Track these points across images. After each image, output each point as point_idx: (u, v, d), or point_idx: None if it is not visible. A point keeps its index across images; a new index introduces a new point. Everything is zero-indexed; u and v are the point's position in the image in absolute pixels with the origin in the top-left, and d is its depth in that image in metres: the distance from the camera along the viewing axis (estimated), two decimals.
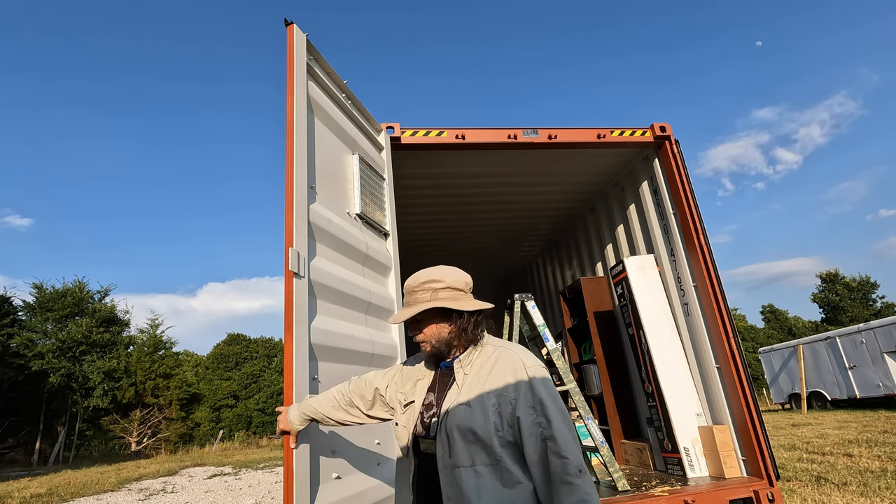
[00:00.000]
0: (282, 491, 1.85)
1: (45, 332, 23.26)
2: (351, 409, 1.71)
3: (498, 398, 1.32)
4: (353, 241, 2.71)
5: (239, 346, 40.32)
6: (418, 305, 1.45)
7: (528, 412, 1.28)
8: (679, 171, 3.84)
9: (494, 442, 1.28)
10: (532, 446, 1.26)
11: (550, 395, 1.30)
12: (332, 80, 2.90)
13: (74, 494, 9.65)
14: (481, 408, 1.32)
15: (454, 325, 1.45)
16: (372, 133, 3.35)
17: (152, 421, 26.15)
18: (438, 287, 1.47)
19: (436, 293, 1.46)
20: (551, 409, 1.27)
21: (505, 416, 1.30)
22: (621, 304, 4.39)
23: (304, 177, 2.34)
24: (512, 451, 1.29)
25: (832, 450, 7.56)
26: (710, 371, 3.56)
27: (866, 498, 4.78)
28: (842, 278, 41.35)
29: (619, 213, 4.88)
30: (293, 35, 2.56)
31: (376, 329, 2.80)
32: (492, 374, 1.37)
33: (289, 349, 2.01)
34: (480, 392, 1.35)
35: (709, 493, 2.96)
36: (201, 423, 34.65)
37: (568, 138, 3.85)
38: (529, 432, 1.26)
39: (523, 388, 1.30)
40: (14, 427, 21.87)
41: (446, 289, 1.46)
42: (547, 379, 1.34)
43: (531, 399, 1.29)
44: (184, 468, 14.29)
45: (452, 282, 1.47)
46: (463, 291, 1.48)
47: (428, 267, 1.52)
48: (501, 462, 1.28)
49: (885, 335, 13.24)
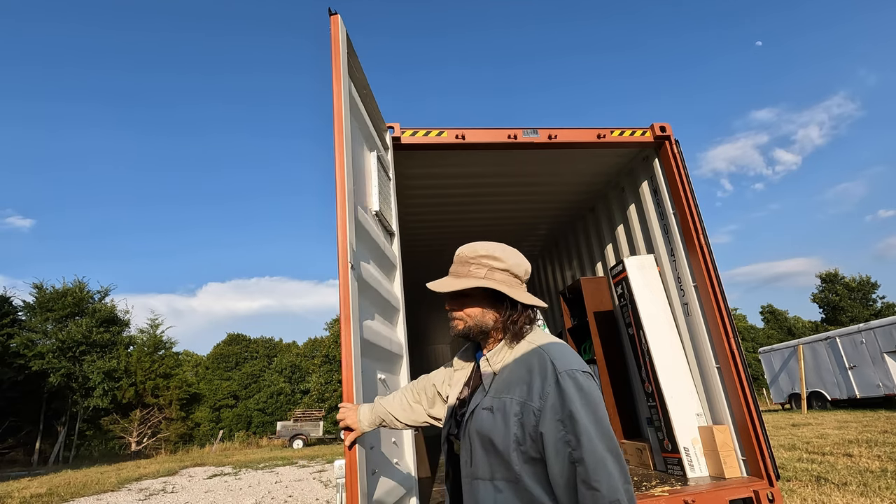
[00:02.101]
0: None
1: (45, 332, 23.26)
2: (415, 407, 1.58)
3: (521, 406, 1.12)
4: (377, 239, 2.72)
5: (239, 346, 40.31)
6: (470, 279, 1.27)
7: (555, 427, 1.06)
8: (679, 171, 3.84)
9: (513, 457, 1.10)
10: (558, 468, 1.05)
11: (586, 407, 1.06)
12: (359, 73, 2.78)
13: (74, 494, 9.66)
14: (503, 415, 1.14)
15: (502, 314, 1.26)
16: (382, 131, 3.35)
17: (152, 421, 26.17)
18: (497, 266, 1.28)
19: (492, 272, 1.27)
20: (583, 424, 1.03)
21: (528, 429, 1.10)
22: (621, 304, 4.39)
23: (351, 172, 2.25)
24: (535, 470, 1.09)
25: (832, 450, 7.56)
26: (710, 371, 3.55)
27: (866, 498, 4.78)
28: (841, 278, 41.36)
29: (619, 213, 4.88)
30: (338, 26, 2.39)
31: (389, 327, 2.81)
32: (518, 377, 1.17)
33: (346, 345, 1.91)
34: (504, 397, 1.17)
35: (709, 493, 2.96)
36: (201, 423, 34.64)
37: (568, 138, 3.84)
38: (556, 451, 1.05)
39: (551, 397, 1.08)
40: (14, 427, 21.87)
41: (505, 271, 1.28)
42: (584, 386, 1.09)
43: (559, 411, 1.06)
44: (184, 468, 14.29)
45: (513, 265, 1.28)
46: (519, 280, 1.30)
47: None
48: (521, 481, 1.09)
49: (885, 335, 13.24)
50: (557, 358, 1.14)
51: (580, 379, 1.09)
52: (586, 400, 1.06)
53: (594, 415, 1.05)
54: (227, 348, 40.06)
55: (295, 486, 9.36)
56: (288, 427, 23.96)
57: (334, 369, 32.89)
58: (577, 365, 1.13)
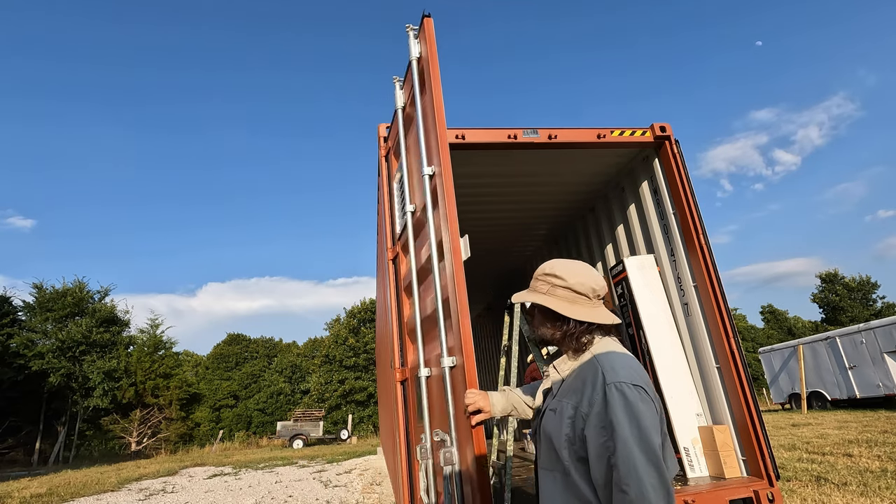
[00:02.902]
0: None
1: (45, 332, 23.25)
2: (535, 401, 1.75)
3: (574, 411, 1.25)
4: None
5: (239, 346, 40.31)
6: (531, 294, 1.44)
7: (598, 433, 1.17)
8: (679, 171, 3.84)
9: (564, 453, 1.24)
10: (599, 470, 1.16)
11: (627, 416, 1.14)
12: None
13: (74, 494, 9.66)
14: (560, 416, 1.28)
15: (560, 330, 1.38)
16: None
17: (152, 421, 26.17)
18: (558, 284, 1.40)
19: (553, 289, 1.41)
20: (622, 432, 1.12)
21: (577, 431, 1.22)
22: (621, 304, 4.39)
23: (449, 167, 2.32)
24: (583, 467, 1.21)
25: (832, 450, 7.55)
26: (710, 371, 3.55)
27: (866, 498, 4.78)
28: (841, 278, 41.34)
29: (619, 213, 4.88)
30: (432, 30, 2.46)
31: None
32: (576, 384, 1.30)
33: (467, 337, 2.03)
34: (563, 400, 1.31)
35: (709, 493, 2.96)
36: (201, 423, 34.64)
37: (568, 138, 3.84)
38: (597, 455, 1.16)
39: (596, 405, 1.19)
40: (14, 427, 21.87)
41: (566, 289, 1.39)
42: (629, 397, 1.16)
43: (602, 418, 1.17)
44: (184, 468, 14.29)
45: (575, 283, 1.39)
46: (584, 296, 1.39)
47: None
48: (570, 475, 1.23)
49: (885, 335, 13.24)
50: (609, 370, 1.23)
51: (626, 391, 1.17)
52: (629, 410, 1.14)
53: (635, 425, 1.12)
54: (227, 348, 40.06)
55: (295, 486, 9.36)
56: (288, 427, 23.96)
57: (334, 369, 32.89)
58: (627, 378, 1.20)
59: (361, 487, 8.66)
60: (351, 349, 32.90)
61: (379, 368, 9.10)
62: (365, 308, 34.75)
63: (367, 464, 12.38)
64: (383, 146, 3.59)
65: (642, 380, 1.22)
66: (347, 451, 17.30)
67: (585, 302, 1.39)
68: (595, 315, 1.36)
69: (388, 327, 3.30)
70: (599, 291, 1.41)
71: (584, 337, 1.35)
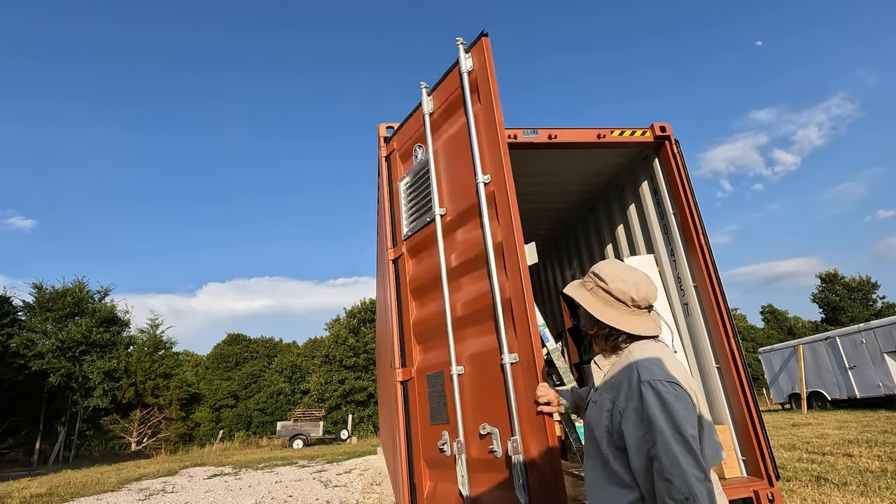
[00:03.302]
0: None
1: (44, 332, 23.24)
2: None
3: (612, 404, 1.33)
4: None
5: (239, 346, 40.31)
6: (576, 289, 1.53)
7: (636, 427, 1.25)
8: (679, 171, 3.84)
9: (604, 443, 1.33)
10: (638, 462, 1.24)
11: (663, 410, 1.21)
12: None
13: (74, 494, 9.65)
14: (600, 409, 1.37)
15: (594, 328, 1.47)
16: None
17: (152, 421, 26.16)
18: (600, 285, 1.47)
19: (596, 289, 1.48)
20: (659, 425, 1.20)
21: (615, 423, 1.31)
22: None
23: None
24: (621, 456, 1.30)
25: (832, 450, 7.55)
26: (710, 371, 3.55)
27: (866, 498, 4.78)
28: (841, 278, 41.34)
29: (619, 213, 4.88)
30: (489, 47, 2.64)
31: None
32: (615, 380, 1.37)
33: (535, 333, 2.30)
34: (603, 394, 1.39)
35: None
36: (201, 423, 34.64)
37: (568, 138, 3.84)
38: (637, 448, 1.24)
39: (633, 401, 1.27)
40: (14, 427, 21.87)
41: (605, 292, 1.45)
42: (662, 393, 1.24)
43: (640, 413, 1.25)
44: (184, 468, 14.29)
45: (615, 289, 1.44)
46: (622, 303, 1.44)
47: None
48: (609, 463, 1.32)
49: (885, 335, 13.24)
50: (643, 368, 1.31)
51: (660, 387, 1.25)
52: (664, 405, 1.22)
53: (670, 418, 1.20)
54: (227, 348, 40.06)
55: (295, 486, 9.35)
56: (288, 427, 23.95)
57: (334, 369, 32.89)
58: (661, 376, 1.28)
59: (361, 487, 8.66)
60: (351, 349, 32.89)
61: (379, 368, 9.10)
62: (365, 308, 34.74)
63: (367, 464, 12.38)
64: (384, 146, 3.58)
65: (676, 375, 1.29)
66: (347, 451, 17.30)
67: (622, 308, 1.43)
68: (629, 323, 1.41)
69: (389, 327, 3.29)
70: (640, 302, 1.44)
71: (616, 340, 1.42)
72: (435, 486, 2.67)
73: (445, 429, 2.57)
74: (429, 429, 2.71)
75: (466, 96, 2.76)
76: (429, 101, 3.11)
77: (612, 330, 1.42)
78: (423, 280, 2.97)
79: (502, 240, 2.48)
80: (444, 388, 2.61)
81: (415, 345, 2.97)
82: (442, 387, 2.62)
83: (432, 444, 2.67)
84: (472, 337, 2.59)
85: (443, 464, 2.61)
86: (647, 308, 1.48)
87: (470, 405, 2.51)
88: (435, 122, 3.06)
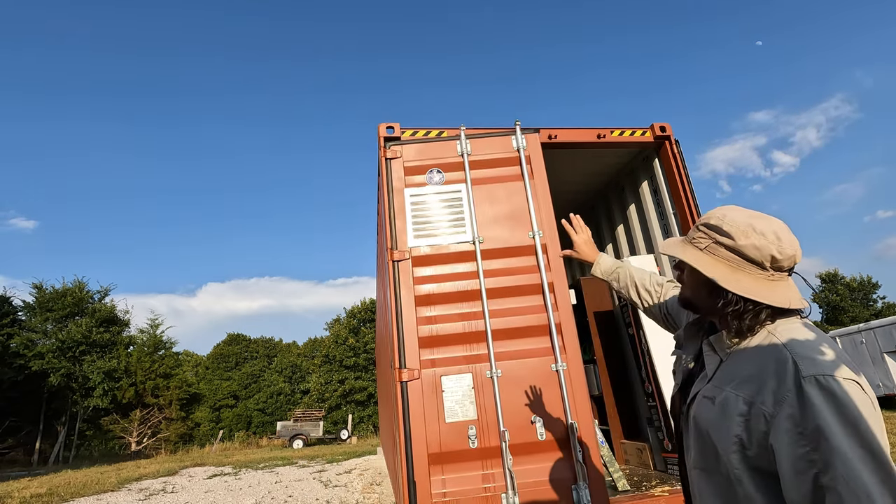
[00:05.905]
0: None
1: (45, 332, 23.25)
2: (644, 293, 1.60)
3: (749, 406, 0.92)
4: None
5: (239, 346, 40.33)
6: (683, 248, 1.09)
7: (794, 441, 0.84)
8: (679, 171, 3.84)
9: (733, 459, 0.93)
10: (798, 493, 0.84)
11: (843, 422, 0.82)
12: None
13: (74, 494, 9.65)
14: (724, 411, 0.96)
15: (716, 301, 1.02)
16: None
17: (152, 421, 26.17)
18: (722, 241, 1.03)
19: (715, 247, 1.04)
20: (837, 444, 0.80)
21: (755, 434, 0.90)
22: (621, 304, 4.39)
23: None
24: (763, 482, 0.91)
25: None
26: None
27: None
28: (842, 278, 41.35)
29: (619, 213, 4.88)
30: (538, 144, 3.56)
31: None
32: (748, 371, 0.96)
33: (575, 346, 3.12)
34: (727, 390, 0.98)
35: None
36: (201, 423, 34.66)
37: (568, 138, 3.85)
38: (795, 471, 0.84)
39: (789, 403, 0.87)
40: (14, 427, 21.86)
41: (731, 249, 1.02)
42: (840, 395, 0.84)
43: (801, 421, 0.84)
44: (184, 468, 14.29)
45: (745, 245, 1.00)
46: (756, 264, 1.00)
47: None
48: (742, 484, 0.93)
49: (885, 335, 13.25)
50: (803, 357, 0.90)
51: (835, 387, 0.84)
52: (844, 413, 0.82)
53: (856, 433, 0.81)
54: (227, 348, 40.08)
55: (295, 486, 9.36)
56: (288, 427, 23.97)
57: (334, 369, 32.91)
58: (832, 369, 0.87)
59: (361, 487, 8.66)
60: (351, 349, 32.91)
61: (379, 368, 9.10)
62: (365, 308, 34.76)
63: (367, 464, 12.38)
64: (384, 148, 3.58)
65: (854, 370, 0.89)
66: (347, 451, 17.31)
67: (756, 272, 1.00)
68: (766, 292, 0.98)
69: (389, 327, 3.31)
70: (783, 262, 0.99)
71: (750, 317, 0.99)
72: (446, 481, 2.74)
73: (473, 424, 2.87)
74: (445, 425, 2.86)
75: (524, 168, 3.46)
76: (466, 143, 3.50)
77: (746, 304, 0.99)
78: (442, 290, 3.15)
79: (552, 280, 3.23)
80: (471, 388, 2.96)
81: (425, 347, 2.99)
82: (469, 387, 2.96)
83: (449, 440, 2.81)
84: (518, 346, 3.08)
85: (462, 457, 2.80)
86: (789, 270, 1.02)
87: (513, 401, 2.93)
88: (473, 163, 3.49)
